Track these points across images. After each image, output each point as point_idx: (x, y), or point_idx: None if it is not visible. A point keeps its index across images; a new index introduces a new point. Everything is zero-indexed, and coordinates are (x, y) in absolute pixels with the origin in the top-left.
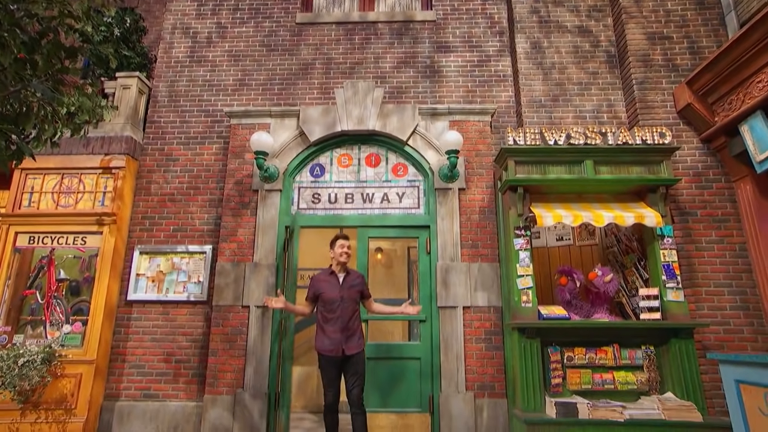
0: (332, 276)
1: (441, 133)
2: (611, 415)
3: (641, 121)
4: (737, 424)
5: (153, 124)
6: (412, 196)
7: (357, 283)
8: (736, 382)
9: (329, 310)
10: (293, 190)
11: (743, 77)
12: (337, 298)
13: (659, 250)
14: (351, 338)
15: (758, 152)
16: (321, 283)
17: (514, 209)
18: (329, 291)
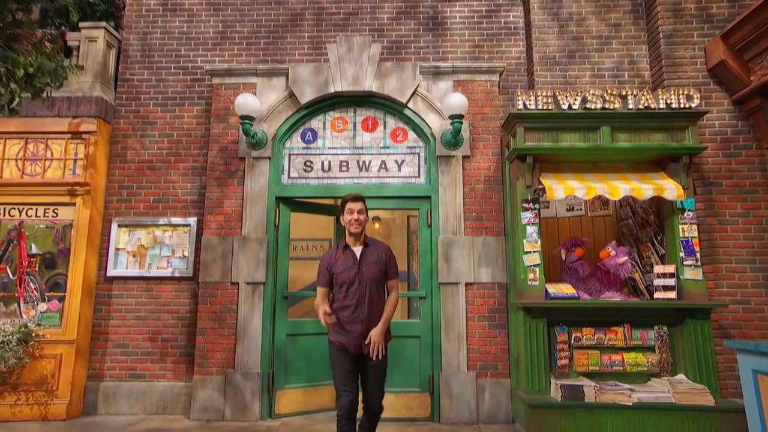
0: (347, 251)
1: (444, 94)
2: (619, 398)
3: (666, 80)
4: (752, 416)
5: (125, 82)
6: (412, 164)
7: (380, 258)
8: (753, 372)
9: (345, 295)
10: (283, 157)
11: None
12: (353, 279)
13: (678, 224)
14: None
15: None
16: (333, 260)
17: (522, 180)
18: (343, 271)
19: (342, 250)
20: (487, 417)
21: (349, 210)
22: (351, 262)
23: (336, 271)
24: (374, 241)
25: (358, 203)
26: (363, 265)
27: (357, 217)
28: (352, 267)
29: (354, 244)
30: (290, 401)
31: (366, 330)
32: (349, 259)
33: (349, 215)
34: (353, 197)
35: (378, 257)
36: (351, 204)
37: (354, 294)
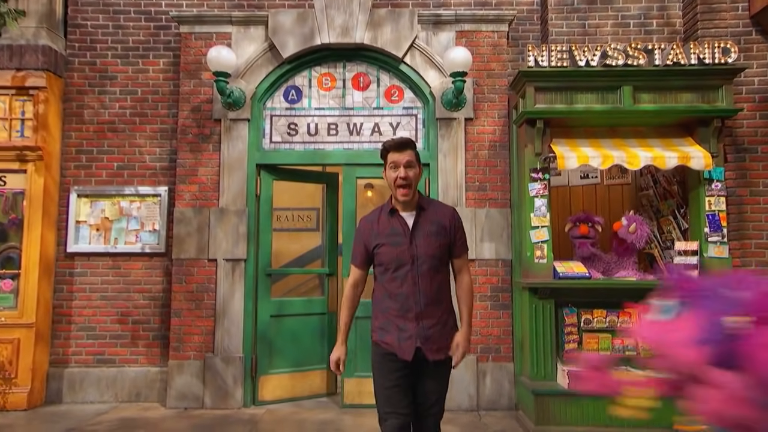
0: (393, 217)
1: (446, 47)
2: None
3: (701, 30)
4: None
5: (77, 29)
6: (408, 127)
7: (442, 227)
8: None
9: (391, 279)
10: (264, 119)
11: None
12: (403, 258)
13: (704, 197)
14: (434, 332)
15: None
16: (373, 229)
17: (530, 146)
18: (388, 245)
19: (387, 216)
20: (488, 403)
21: (392, 163)
22: (399, 233)
23: (377, 246)
24: (433, 203)
25: (405, 153)
26: (417, 237)
27: (404, 174)
28: (402, 240)
29: (404, 209)
30: (276, 387)
31: (424, 330)
32: (396, 228)
33: (393, 171)
34: (397, 144)
35: (439, 225)
36: (395, 155)
37: (404, 279)
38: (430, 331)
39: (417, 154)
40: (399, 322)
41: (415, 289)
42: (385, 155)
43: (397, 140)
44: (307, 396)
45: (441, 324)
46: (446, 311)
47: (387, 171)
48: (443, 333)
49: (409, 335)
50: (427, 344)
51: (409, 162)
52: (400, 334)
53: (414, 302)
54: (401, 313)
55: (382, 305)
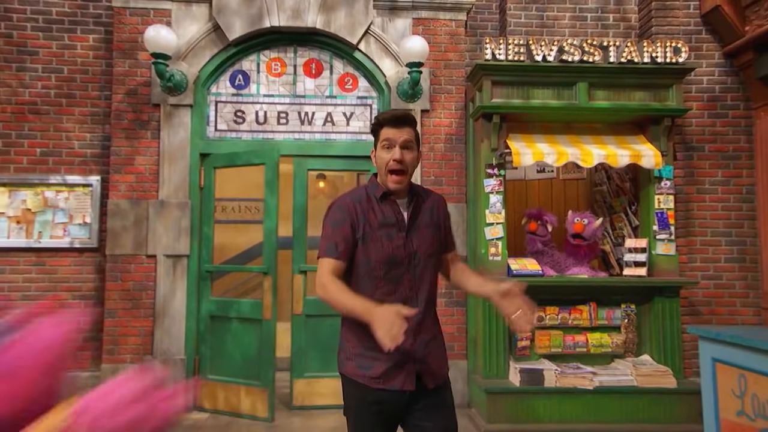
0: (385, 202)
1: (402, 35)
2: (580, 382)
3: (655, 27)
4: (708, 402)
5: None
6: (362, 118)
7: (437, 218)
8: (712, 360)
9: (380, 283)
10: (208, 105)
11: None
12: (399, 255)
13: (654, 194)
14: (432, 349)
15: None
16: (363, 214)
17: (487, 142)
18: (381, 238)
19: (377, 201)
20: None
21: (385, 141)
22: (393, 223)
23: (367, 232)
24: (425, 190)
25: (403, 130)
26: (414, 230)
27: (400, 156)
28: (396, 234)
29: (397, 194)
30: (219, 390)
31: (421, 348)
32: (390, 218)
33: (386, 152)
34: (394, 117)
35: (433, 216)
36: (389, 131)
37: (399, 282)
38: (429, 347)
39: (417, 134)
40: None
41: (412, 295)
42: (377, 130)
43: (395, 112)
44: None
45: (435, 337)
46: (437, 320)
47: (377, 151)
48: (439, 348)
49: (405, 358)
50: (427, 366)
51: (407, 142)
52: (391, 358)
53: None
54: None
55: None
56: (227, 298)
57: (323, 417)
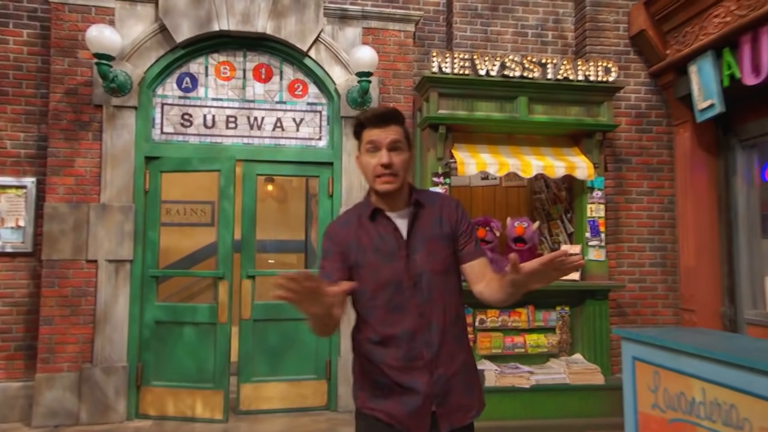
0: (378, 221)
1: (352, 43)
2: (518, 381)
3: (589, 45)
4: (628, 397)
5: None
6: (312, 124)
7: (445, 225)
8: (632, 359)
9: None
10: (154, 107)
11: (702, 7)
12: (400, 278)
13: (587, 203)
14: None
15: (701, 99)
16: (354, 240)
17: (433, 151)
18: (377, 262)
19: (368, 221)
20: None
21: (369, 144)
22: (390, 242)
23: (358, 260)
24: (428, 194)
25: (389, 129)
26: (416, 246)
27: (387, 159)
28: (395, 254)
29: (390, 207)
30: (163, 397)
31: (440, 383)
32: (384, 237)
33: (371, 156)
34: (377, 116)
35: (443, 226)
36: (373, 131)
37: (404, 310)
38: (450, 384)
39: (406, 132)
40: (401, 378)
41: (423, 322)
42: (359, 132)
43: (378, 110)
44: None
45: (463, 369)
46: (466, 348)
47: (362, 156)
48: (467, 382)
49: (420, 397)
50: (446, 406)
51: (395, 143)
52: (404, 398)
53: (424, 344)
54: (405, 363)
55: (371, 356)
56: (175, 303)
57: (270, 421)
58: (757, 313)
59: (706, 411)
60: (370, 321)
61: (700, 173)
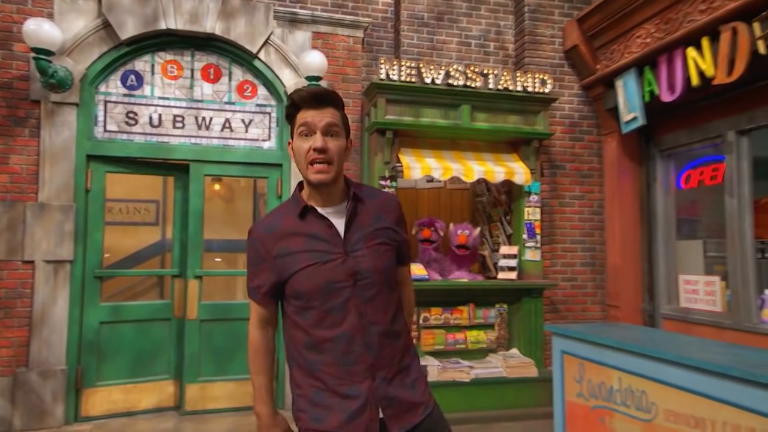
0: (310, 220)
1: (302, 47)
2: (459, 375)
3: (527, 57)
4: (557, 387)
5: None
6: (261, 125)
7: (385, 223)
8: (561, 352)
9: (321, 316)
10: (97, 104)
11: (627, 27)
12: (338, 277)
13: (524, 207)
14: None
15: (626, 112)
16: (279, 244)
17: (380, 155)
18: (309, 265)
19: (296, 218)
20: None
21: (302, 127)
22: (324, 240)
23: (290, 268)
24: (368, 189)
25: (325, 110)
26: (355, 242)
27: (321, 144)
28: (331, 252)
29: (324, 202)
30: (105, 400)
31: (384, 387)
32: (317, 234)
33: (303, 140)
34: (311, 95)
35: (381, 220)
36: (307, 112)
37: (342, 312)
38: (394, 386)
39: (344, 117)
40: (340, 386)
41: (363, 323)
42: (293, 115)
43: (313, 90)
44: (148, 409)
45: (402, 371)
46: (406, 347)
47: (294, 140)
48: (411, 380)
49: (363, 404)
50: (393, 408)
51: (330, 126)
52: (346, 406)
53: (363, 346)
54: (343, 368)
55: (306, 364)
56: (122, 303)
57: (217, 420)
58: (672, 308)
59: (621, 397)
60: (302, 324)
61: (625, 180)
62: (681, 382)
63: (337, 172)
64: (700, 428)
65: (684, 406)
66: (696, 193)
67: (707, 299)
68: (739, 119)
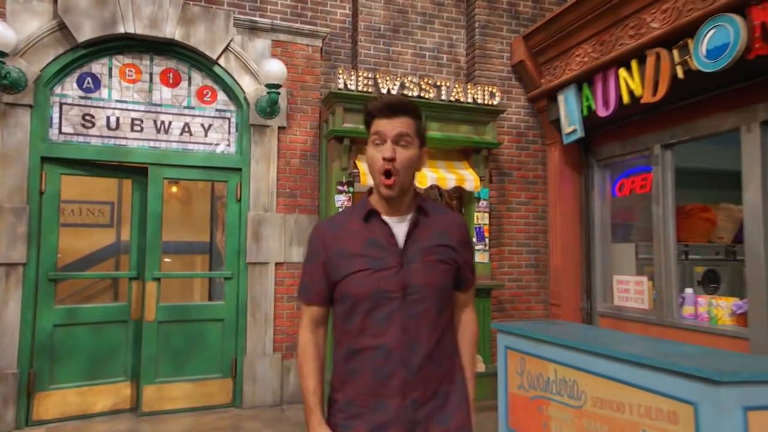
0: (372, 222)
1: (261, 54)
2: None
3: (477, 70)
4: (501, 380)
5: None
6: (221, 130)
7: (448, 240)
8: (505, 348)
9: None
10: (52, 106)
11: (568, 46)
12: (388, 287)
13: (474, 212)
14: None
15: (566, 124)
16: (339, 244)
17: (338, 161)
18: (365, 268)
19: (360, 221)
20: (291, 397)
21: (376, 136)
22: (383, 247)
23: (343, 269)
24: (435, 206)
25: (397, 119)
26: (413, 255)
27: (391, 153)
28: (386, 260)
29: (390, 211)
30: (59, 404)
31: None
32: (377, 240)
33: (376, 149)
34: (387, 105)
35: (446, 240)
36: (381, 122)
37: (386, 323)
38: (422, 412)
39: (419, 127)
40: (371, 398)
41: (405, 339)
42: (368, 123)
43: (388, 99)
44: (104, 412)
45: (441, 398)
46: (449, 377)
47: (369, 148)
48: (446, 412)
49: (387, 421)
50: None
51: (402, 136)
52: (372, 418)
53: (401, 362)
54: (377, 380)
55: (346, 369)
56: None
57: (174, 420)
58: (607, 306)
59: (557, 387)
60: (346, 329)
61: (566, 187)
62: (605, 372)
63: (404, 182)
64: (620, 411)
65: (608, 393)
66: (628, 201)
67: (637, 298)
68: (664, 134)
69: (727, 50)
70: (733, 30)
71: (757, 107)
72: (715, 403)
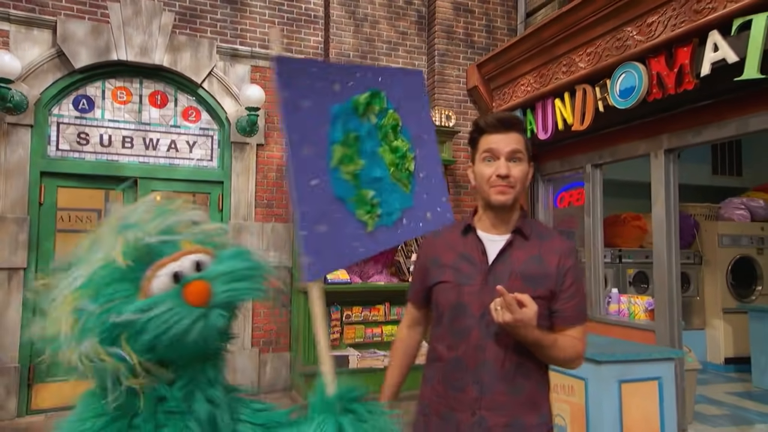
0: (469, 236)
1: (242, 79)
2: (375, 363)
3: (437, 94)
4: None
5: None
6: (204, 147)
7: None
8: None
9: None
10: (50, 126)
11: (514, 76)
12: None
13: None
14: None
15: None
16: (437, 253)
17: None
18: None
19: (460, 235)
20: (267, 387)
21: (487, 153)
22: (472, 261)
23: (433, 277)
24: (540, 229)
25: (510, 135)
26: (498, 273)
27: (506, 171)
28: (471, 274)
29: (492, 228)
30: (59, 394)
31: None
32: (467, 255)
33: (487, 165)
34: (499, 121)
35: (540, 263)
36: (493, 137)
37: (463, 336)
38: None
39: (527, 142)
40: (443, 407)
41: (477, 357)
42: (477, 139)
43: (500, 115)
44: None
45: (516, 426)
46: (531, 404)
47: (476, 165)
48: None
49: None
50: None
51: (515, 153)
52: (440, 427)
53: (472, 379)
54: (450, 392)
55: (427, 372)
56: None
57: None
58: None
59: None
60: (433, 334)
61: None
62: None
63: (516, 196)
64: None
65: None
66: (568, 212)
67: None
68: (593, 156)
69: (634, 92)
70: (638, 76)
71: (661, 137)
72: (598, 377)
